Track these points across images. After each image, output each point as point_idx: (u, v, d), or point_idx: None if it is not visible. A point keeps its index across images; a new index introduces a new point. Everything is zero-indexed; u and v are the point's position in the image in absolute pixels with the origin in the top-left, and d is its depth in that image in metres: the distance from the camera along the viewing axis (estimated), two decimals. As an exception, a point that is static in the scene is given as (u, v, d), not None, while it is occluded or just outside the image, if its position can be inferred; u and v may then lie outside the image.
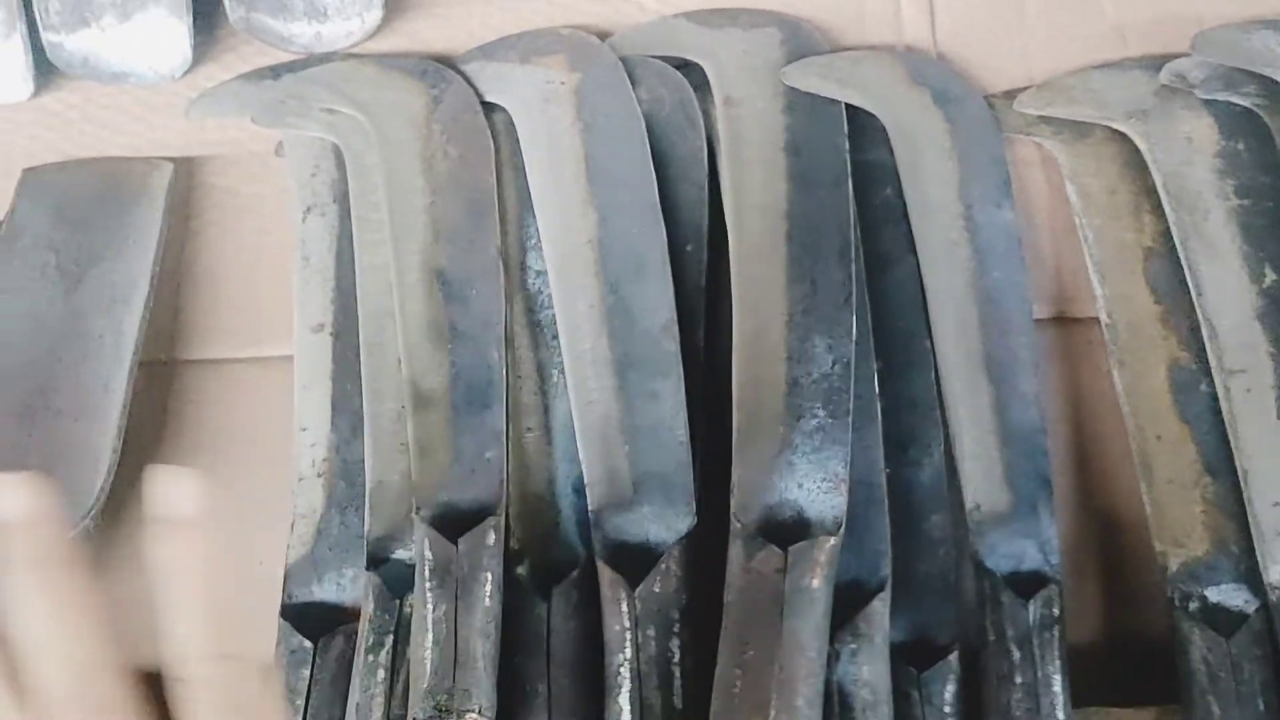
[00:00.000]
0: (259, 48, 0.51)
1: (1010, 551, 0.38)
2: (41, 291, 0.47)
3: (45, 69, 0.52)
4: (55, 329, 0.46)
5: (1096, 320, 0.43)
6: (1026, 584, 0.37)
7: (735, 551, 0.35)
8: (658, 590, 0.35)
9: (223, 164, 0.50)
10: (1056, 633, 0.36)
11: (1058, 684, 0.35)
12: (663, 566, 0.36)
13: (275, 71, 0.51)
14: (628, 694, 0.34)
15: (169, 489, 0.25)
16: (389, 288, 0.43)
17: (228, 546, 0.44)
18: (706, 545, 0.37)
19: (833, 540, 0.35)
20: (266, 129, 0.50)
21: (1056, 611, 0.36)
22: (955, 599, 0.38)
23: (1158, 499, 0.38)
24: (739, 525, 0.36)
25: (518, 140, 0.47)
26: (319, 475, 0.42)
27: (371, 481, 0.40)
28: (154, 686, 0.25)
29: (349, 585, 0.40)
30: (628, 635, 0.35)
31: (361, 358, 0.43)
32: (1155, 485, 0.38)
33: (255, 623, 0.41)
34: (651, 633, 0.35)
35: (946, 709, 0.35)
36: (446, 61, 0.50)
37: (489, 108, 0.48)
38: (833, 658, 0.35)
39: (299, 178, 0.48)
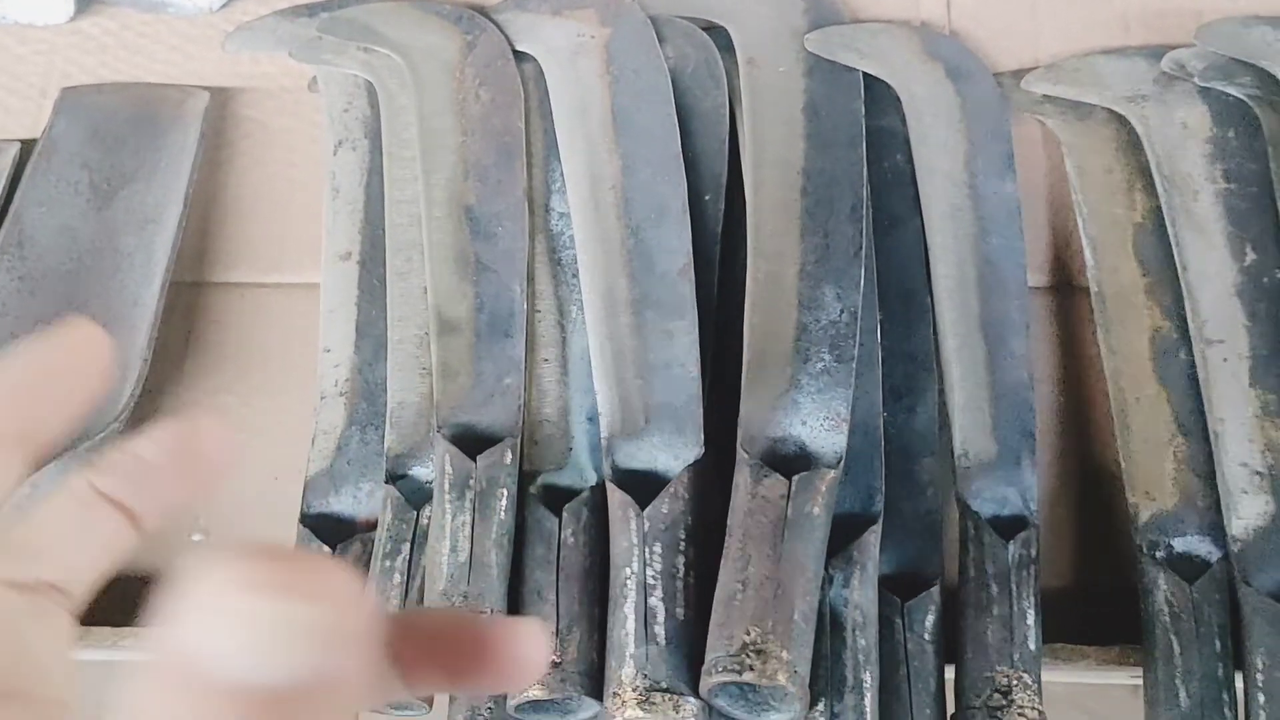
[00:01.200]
0: (295, -16, 0.53)
1: (993, 496, 0.40)
2: (74, 207, 0.49)
3: (85, -7, 0.53)
4: (86, 244, 0.48)
5: (1087, 290, 0.45)
6: (1007, 527, 0.39)
7: (742, 478, 0.37)
8: (665, 510, 0.37)
9: (255, 97, 0.52)
10: (1032, 571, 0.38)
11: (1030, 618, 0.37)
12: (671, 489, 0.38)
13: (311, 10, 0.52)
14: (633, 604, 0.36)
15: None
16: (417, 221, 0.45)
17: (245, 460, 0.46)
18: (711, 476, 0.39)
19: (833, 473, 0.37)
20: (300, 65, 0.51)
21: (1033, 552, 0.39)
22: (940, 538, 0.40)
23: (1133, 455, 0.41)
24: (745, 455, 0.38)
25: (546, 89, 0.49)
26: (341, 394, 0.44)
27: (393, 402, 0.42)
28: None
29: (364, 499, 0.42)
30: (635, 551, 0.37)
31: (388, 285, 0.45)
32: (1131, 442, 0.41)
33: (266, 529, 0.43)
34: (658, 549, 0.37)
35: (927, 636, 0.38)
36: (479, 10, 0.51)
37: (519, 56, 0.50)
38: (827, 582, 0.37)
39: (332, 112, 0.50)
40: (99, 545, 0.22)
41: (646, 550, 0.37)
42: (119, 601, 0.43)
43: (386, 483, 0.41)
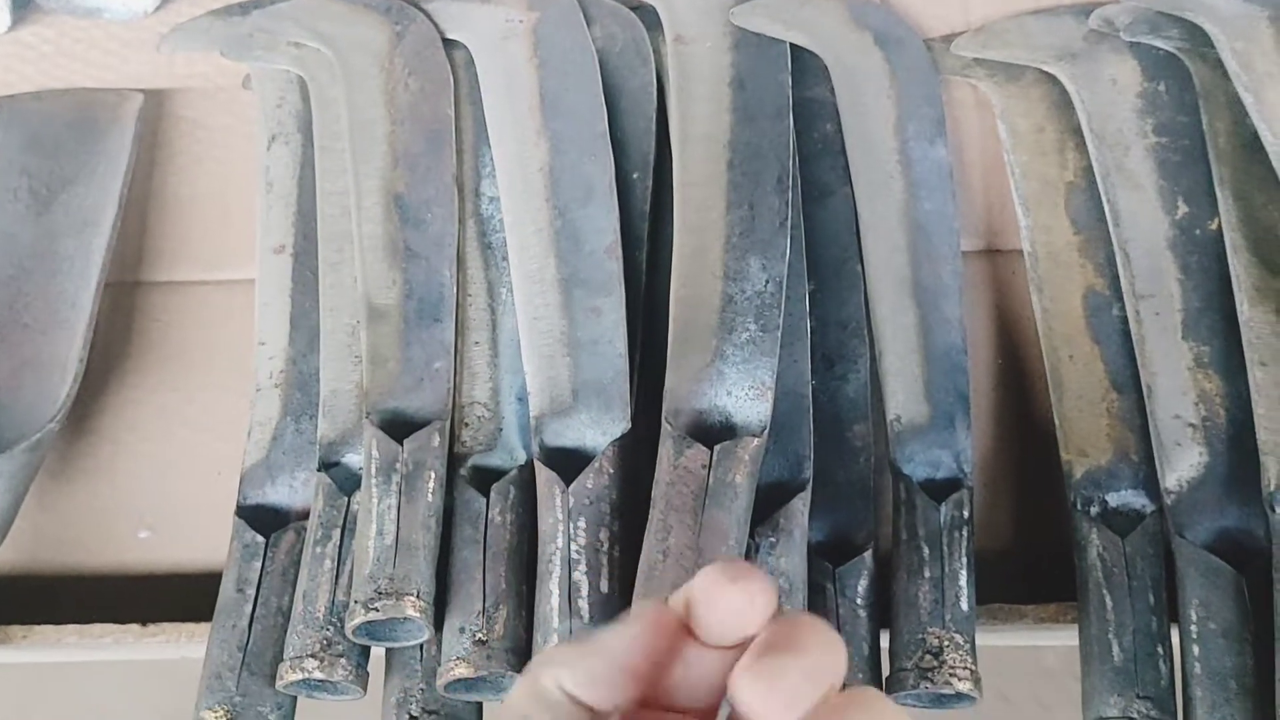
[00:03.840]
0: (229, -16, 0.53)
1: (927, 460, 0.40)
2: (14, 214, 0.49)
3: (22, 3, 0.53)
4: (27, 249, 0.48)
5: (1022, 252, 0.45)
6: (940, 490, 0.39)
7: (665, 450, 0.37)
8: (590, 486, 0.37)
9: (191, 97, 0.52)
10: (965, 533, 0.38)
11: (963, 578, 0.37)
12: (596, 465, 0.38)
13: (244, 8, 0.52)
14: (557, 579, 0.36)
15: None
16: (348, 212, 0.45)
17: (189, 456, 0.46)
18: (642, 452, 0.39)
19: (757, 441, 0.37)
20: (235, 63, 0.51)
21: (966, 514, 0.38)
22: (873, 504, 0.40)
23: (1067, 413, 0.40)
24: (669, 428, 0.38)
25: (476, 75, 0.49)
26: (276, 386, 0.44)
27: (326, 390, 0.42)
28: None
29: (300, 488, 0.42)
30: (560, 526, 0.37)
31: (320, 276, 0.45)
32: (1065, 400, 0.41)
33: (211, 524, 0.43)
34: (583, 524, 0.37)
35: (859, 600, 0.37)
36: (410, 0, 0.51)
37: (450, 44, 0.50)
38: (753, 550, 0.37)
39: (265, 108, 0.50)
40: None
41: (571, 525, 0.36)
42: (62, 599, 0.44)
43: (319, 470, 0.41)
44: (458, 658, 0.36)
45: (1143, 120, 0.44)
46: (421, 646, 0.38)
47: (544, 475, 0.38)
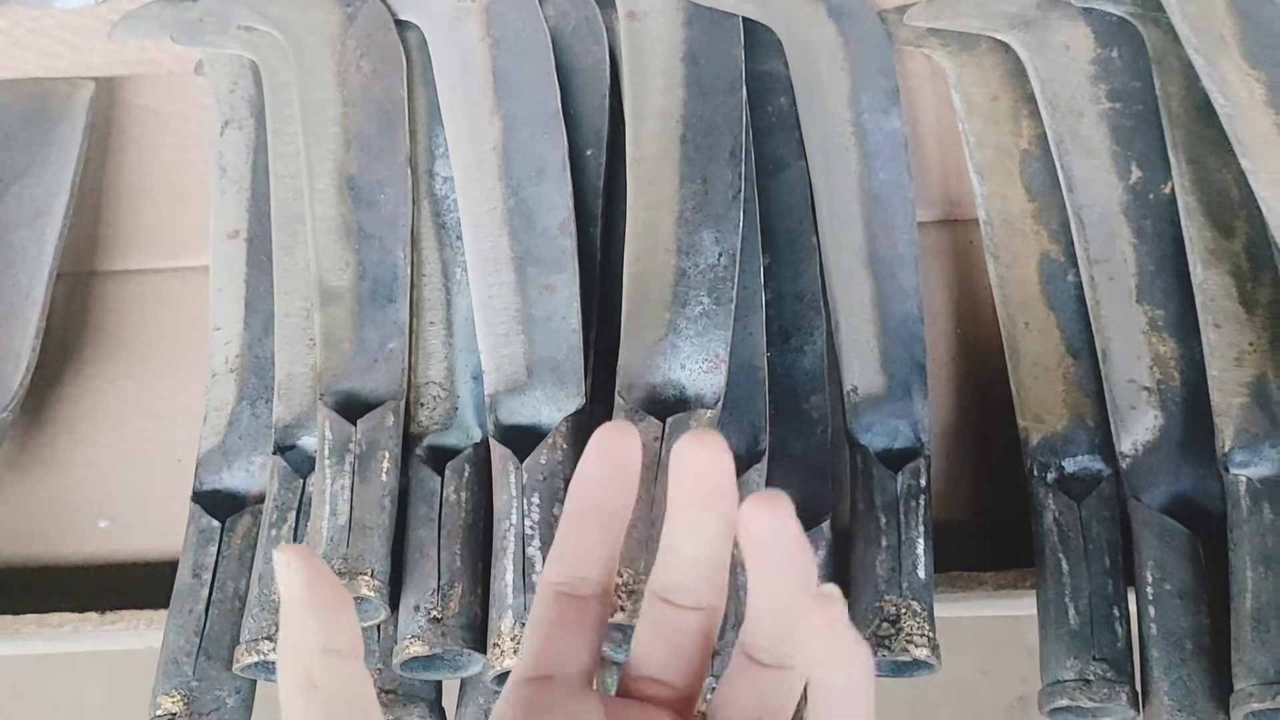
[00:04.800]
0: (180, -30, 0.52)
1: (884, 430, 0.40)
2: (-34, 205, 0.48)
3: (-30, -7, 0.53)
4: (-21, 241, 0.48)
5: (978, 221, 0.45)
6: (898, 460, 0.39)
7: (617, 424, 0.37)
8: (544, 462, 0.37)
9: (144, 84, 0.52)
10: (922, 501, 0.38)
11: (920, 546, 0.37)
12: (550, 441, 0.37)
13: (196, -7, 0.52)
14: (512, 556, 0.36)
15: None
16: (302, 195, 0.45)
17: (147, 444, 0.46)
18: (597, 428, 0.39)
19: (710, 412, 0.37)
20: (187, 49, 0.51)
21: (923, 482, 0.38)
22: (830, 475, 0.40)
23: (1023, 380, 0.40)
24: (622, 402, 0.38)
25: (429, 56, 0.48)
26: (231, 371, 0.43)
27: (281, 374, 0.42)
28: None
29: (257, 472, 0.42)
30: (514, 503, 0.36)
31: (274, 259, 0.44)
32: (1021, 368, 0.41)
33: (171, 511, 0.43)
34: (536, 500, 0.36)
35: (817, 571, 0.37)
36: (363, -18, 0.51)
37: (402, 25, 0.49)
38: (708, 522, 0.36)
39: (218, 93, 0.49)
40: None
41: (525, 501, 0.36)
42: (22, 591, 0.44)
43: (275, 454, 0.40)
44: (413, 636, 0.35)
45: (1096, 86, 0.44)
46: (378, 626, 0.37)
47: (498, 452, 0.38)
